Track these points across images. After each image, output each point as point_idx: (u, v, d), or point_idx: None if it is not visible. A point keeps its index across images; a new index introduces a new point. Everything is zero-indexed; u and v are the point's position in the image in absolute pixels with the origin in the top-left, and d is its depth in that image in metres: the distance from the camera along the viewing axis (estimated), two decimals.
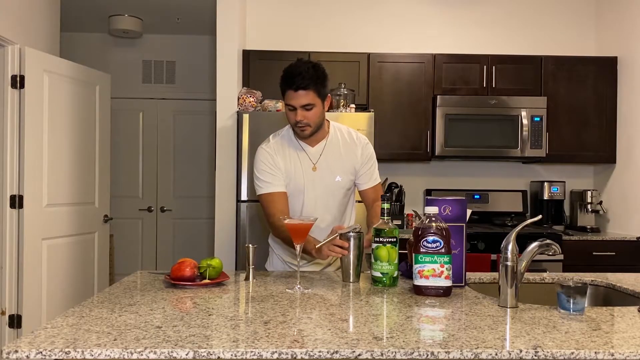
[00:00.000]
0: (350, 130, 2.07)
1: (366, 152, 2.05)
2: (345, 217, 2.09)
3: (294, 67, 1.85)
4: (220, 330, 1.16)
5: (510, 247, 1.43)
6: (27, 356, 1.01)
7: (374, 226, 1.69)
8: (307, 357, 1.03)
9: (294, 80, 1.82)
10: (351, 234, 1.71)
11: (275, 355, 1.03)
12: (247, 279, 1.76)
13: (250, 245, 1.78)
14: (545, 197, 3.89)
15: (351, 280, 1.70)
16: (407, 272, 1.76)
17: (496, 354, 1.04)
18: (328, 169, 1.98)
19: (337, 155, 2.00)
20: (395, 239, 1.66)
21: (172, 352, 1.02)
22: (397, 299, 1.49)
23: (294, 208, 1.99)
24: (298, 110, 1.86)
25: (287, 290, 1.59)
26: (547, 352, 1.05)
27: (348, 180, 2.02)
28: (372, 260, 1.68)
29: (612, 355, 1.05)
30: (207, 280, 1.66)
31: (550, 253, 1.50)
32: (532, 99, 3.68)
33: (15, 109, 3.15)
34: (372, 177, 2.08)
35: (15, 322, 3.14)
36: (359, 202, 2.16)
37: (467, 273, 1.74)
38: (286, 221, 1.68)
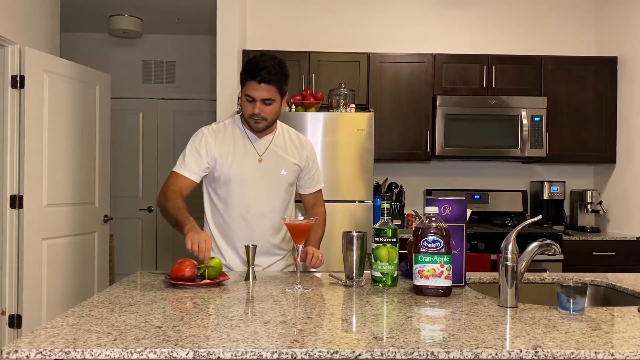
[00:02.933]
0: (297, 132, 2.10)
1: (312, 156, 2.08)
2: (287, 213, 2.05)
3: (259, 59, 1.84)
4: (220, 330, 1.16)
5: (510, 247, 1.43)
6: (27, 356, 1.01)
7: (374, 226, 1.69)
8: (307, 357, 1.03)
9: (259, 72, 1.81)
10: (354, 234, 1.71)
11: (275, 355, 1.02)
12: (247, 279, 1.76)
13: (250, 245, 1.78)
14: (545, 197, 3.89)
15: (355, 280, 1.70)
16: (407, 272, 1.76)
17: (496, 354, 1.04)
18: (274, 162, 1.98)
19: (283, 150, 2.00)
20: (395, 239, 1.66)
21: (172, 352, 1.02)
22: (397, 299, 1.49)
23: (235, 197, 1.95)
24: (257, 103, 1.85)
25: (287, 290, 1.59)
26: (547, 352, 1.04)
27: (292, 176, 2.02)
28: (372, 260, 1.68)
29: (612, 355, 1.05)
30: (207, 280, 1.66)
31: (550, 253, 1.50)
32: (532, 99, 3.68)
33: (15, 109, 3.15)
34: (316, 180, 2.11)
35: (15, 322, 3.14)
36: (298, 201, 2.16)
37: (467, 273, 1.74)
38: (286, 221, 1.68)
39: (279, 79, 1.84)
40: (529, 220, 1.51)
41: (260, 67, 1.81)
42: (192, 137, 1.98)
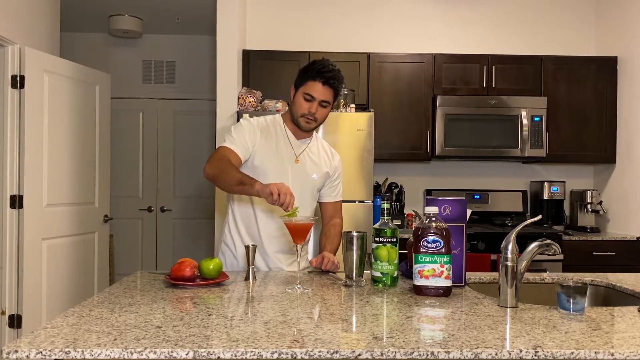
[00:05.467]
0: (328, 145, 2.18)
1: (340, 167, 2.16)
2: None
3: (326, 63, 1.91)
4: (220, 330, 1.16)
5: (510, 247, 1.43)
6: (27, 356, 1.01)
7: (374, 226, 1.69)
8: (307, 357, 1.03)
9: (327, 74, 1.88)
10: (354, 234, 1.71)
11: (275, 355, 1.02)
12: (247, 279, 1.76)
13: (250, 245, 1.79)
14: (545, 197, 3.89)
15: (355, 279, 1.70)
16: (407, 272, 1.76)
17: (496, 354, 1.04)
18: (308, 165, 2.04)
19: (316, 156, 2.07)
20: (395, 239, 1.66)
21: (172, 352, 1.02)
22: (397, 299, 1.49)
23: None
24: (315, 103, 1.92)
25: (287, 290, 1.59)
26: (547, 352, 1.05)
27: (320, 182, 2.08)
28: (372, 260, 1.68)
29: (612, 355, 1.05)
30: (207, 280, 1.66)
31: (550, 253, 1.50)
32: (532, 99, 3.68)
33: (15, 109, 3.15)
34: (338, 191, 2.16)
35: (15, 322, 3.14)
36: None
37: (467, 273, 1.74)
38: (286, 221, 1.67)
39: (339, 87, 1.93)
40: (529, 220, 1.51)
41: (327, 70, 1.89)
42: (238, 123, 2.03)
